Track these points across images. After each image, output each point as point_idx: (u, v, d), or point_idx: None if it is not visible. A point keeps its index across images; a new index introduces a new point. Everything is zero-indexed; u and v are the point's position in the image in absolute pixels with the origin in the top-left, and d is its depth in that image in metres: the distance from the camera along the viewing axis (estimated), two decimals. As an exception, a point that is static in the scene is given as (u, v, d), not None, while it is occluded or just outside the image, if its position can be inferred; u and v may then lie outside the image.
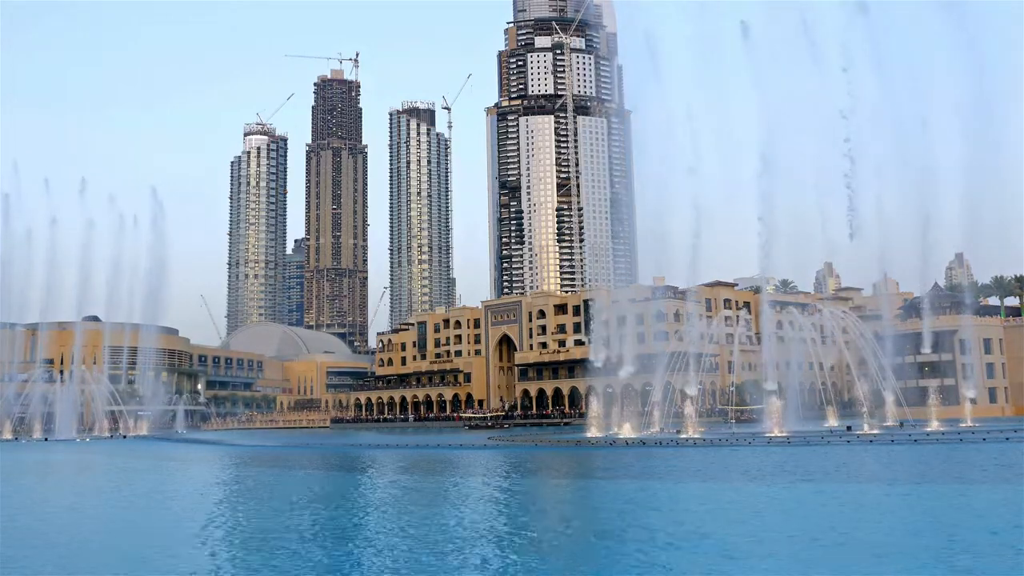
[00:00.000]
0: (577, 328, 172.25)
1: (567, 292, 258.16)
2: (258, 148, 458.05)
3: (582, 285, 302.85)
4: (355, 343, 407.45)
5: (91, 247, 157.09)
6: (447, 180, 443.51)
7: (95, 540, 27.31)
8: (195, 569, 21.40)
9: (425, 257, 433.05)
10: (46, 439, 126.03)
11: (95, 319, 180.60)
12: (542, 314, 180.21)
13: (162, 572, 21.47)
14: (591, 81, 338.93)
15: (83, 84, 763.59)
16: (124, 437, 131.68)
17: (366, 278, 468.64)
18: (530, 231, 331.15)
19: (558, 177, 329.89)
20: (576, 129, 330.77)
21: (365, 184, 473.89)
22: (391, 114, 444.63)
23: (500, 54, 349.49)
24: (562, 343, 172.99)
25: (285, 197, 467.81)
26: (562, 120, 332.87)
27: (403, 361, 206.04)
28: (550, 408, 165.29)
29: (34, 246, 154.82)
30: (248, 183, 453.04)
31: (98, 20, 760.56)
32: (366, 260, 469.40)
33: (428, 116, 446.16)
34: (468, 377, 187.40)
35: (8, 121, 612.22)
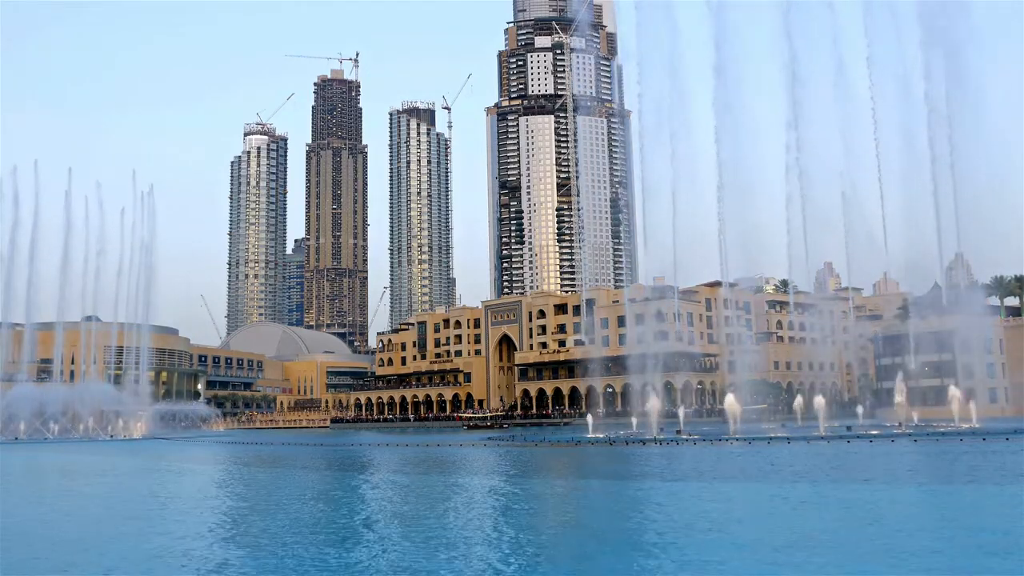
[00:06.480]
0: (577, 328, 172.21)
1: (567, 292, 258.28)
2: (258, 148, 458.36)
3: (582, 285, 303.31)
4: (355, 343, 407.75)
5: (92, 248, 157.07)
6: (447, 180, 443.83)
7: (93, 542, 27.34)
8: (198, 569, 21.42)
9: (425, 257, 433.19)
10: (47, 439, 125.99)
11: (94, 319, 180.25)
12: (542, 314, 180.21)
13: (167, 571, 21.50)
14: (591, 81, 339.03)
15: (83, 84, 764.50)
16: (125, 438, 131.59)
17: (366, 278, 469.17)
18: (530, 231, 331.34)
19: (558, 177, 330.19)
20: (576, 129, 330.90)
21: (365, 184, 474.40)
22: (391, 114, 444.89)
23: (500, 54, 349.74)
24: (562, 343, 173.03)
25: (285, 197, 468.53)
26: (562, 120, 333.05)
27: (403, 361, 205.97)
28: (550, 408, 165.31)
29: (37, 246, 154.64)
30: (248, 183, 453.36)
31: (99, 21, 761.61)
32: (366, 260, 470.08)
33: (428, 116, 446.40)
34: (468, 377, 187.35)
35: (11, 122, 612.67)
